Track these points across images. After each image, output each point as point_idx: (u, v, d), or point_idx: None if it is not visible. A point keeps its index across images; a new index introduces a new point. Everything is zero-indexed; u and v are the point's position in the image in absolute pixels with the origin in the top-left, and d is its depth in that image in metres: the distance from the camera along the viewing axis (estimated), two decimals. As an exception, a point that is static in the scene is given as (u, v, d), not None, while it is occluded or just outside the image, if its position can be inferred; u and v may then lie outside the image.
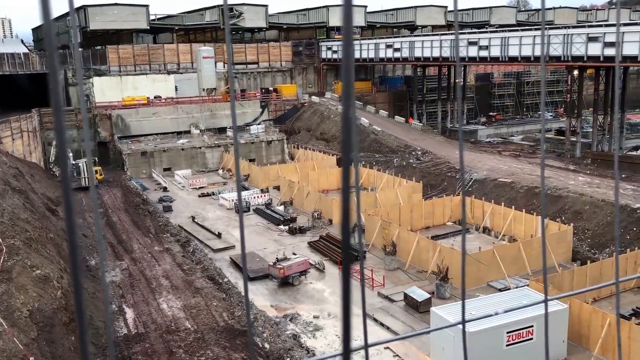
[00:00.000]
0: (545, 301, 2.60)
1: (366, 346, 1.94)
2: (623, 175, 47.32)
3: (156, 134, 69.54)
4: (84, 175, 55.92)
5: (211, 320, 29.39)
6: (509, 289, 31.26)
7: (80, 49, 75.25)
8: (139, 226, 44.80)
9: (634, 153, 60.11)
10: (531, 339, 25.50)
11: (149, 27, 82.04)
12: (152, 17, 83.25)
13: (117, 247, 40.39)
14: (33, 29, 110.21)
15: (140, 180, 60.31)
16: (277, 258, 35.34)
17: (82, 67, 74.69)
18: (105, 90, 73.43)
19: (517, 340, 25.25)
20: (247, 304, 2.03)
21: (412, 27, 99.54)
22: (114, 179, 59.86)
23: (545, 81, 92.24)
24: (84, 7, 76.94)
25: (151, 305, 31.41)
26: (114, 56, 77.63)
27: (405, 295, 31.02)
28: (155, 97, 74.56)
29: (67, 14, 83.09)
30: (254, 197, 51.47)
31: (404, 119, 76.45)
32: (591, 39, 52.83)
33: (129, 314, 30.54)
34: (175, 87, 77.83)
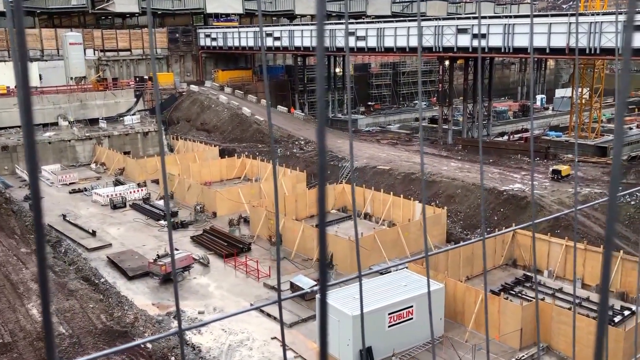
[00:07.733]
0: (360, 277, 2.68)
1: (180, 331, 2.15)
2: (490, 160, 50.54)
3: (18, 127, 64.07)
4: None
5: (88, 323, 27.74)
6: (389, 272, 32.29)
7: None
8: (2, 227, 41.17)
9: (500, 139, 64.52)
10: (411, 318, 26.51)
11: (5, 10, 75.29)
12: (10, -1, 76.49)
13: (-24, 251, 36.82)
14: None
15: (2, 177, 55.51)
16: (157, 254, 34.10)
17: None
18: (-44, 78, 66.52)
19: (398, 321, 26.12)
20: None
21: (291, 16, 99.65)
22: (-30, 176, 54.54)
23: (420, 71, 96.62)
24: None
25: (19, 311, 29.06)
26: (-34, 41, 70.51)
27: (292, 284, 31.09)
28: (16, 87, 68.68)
29: None
30: (131, 192, 49.12)
31: (286, 108, 76.51)
32: (460, 31, 55.72)
33: (-7, 323, 28.00)
34: (40, 75, 72.08)
